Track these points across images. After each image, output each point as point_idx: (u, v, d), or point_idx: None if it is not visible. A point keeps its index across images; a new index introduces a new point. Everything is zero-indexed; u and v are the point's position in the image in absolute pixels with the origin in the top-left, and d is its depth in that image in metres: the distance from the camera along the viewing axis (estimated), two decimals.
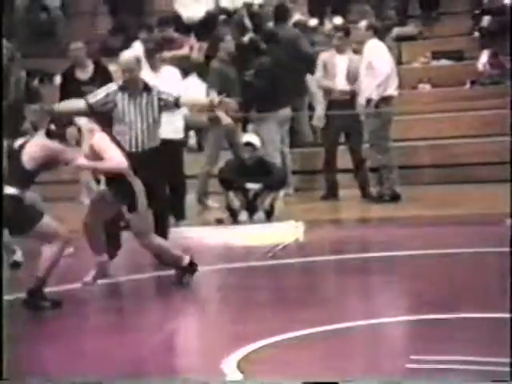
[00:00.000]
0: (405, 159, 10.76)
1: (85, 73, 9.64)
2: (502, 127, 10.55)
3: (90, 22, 12.99)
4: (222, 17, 11.96)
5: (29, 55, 12.08)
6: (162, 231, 7.68)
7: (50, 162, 6.55)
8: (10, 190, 6.40)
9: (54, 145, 6.48)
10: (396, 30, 12.48)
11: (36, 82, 11.47)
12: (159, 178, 7.62)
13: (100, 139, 6.73)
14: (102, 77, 9.54)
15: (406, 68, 12.24)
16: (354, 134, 10.50)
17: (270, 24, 11.58)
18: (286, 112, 10.82)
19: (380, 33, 10.51)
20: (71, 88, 9.50)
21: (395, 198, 10.18)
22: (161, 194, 7.68)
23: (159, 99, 7.44)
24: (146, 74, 9.90)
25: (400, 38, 12.53)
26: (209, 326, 6.14)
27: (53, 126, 6.53)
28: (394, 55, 10.82)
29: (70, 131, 6.60)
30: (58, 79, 12.23)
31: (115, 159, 6.70)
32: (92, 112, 7.36)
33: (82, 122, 6.80)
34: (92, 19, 13.03)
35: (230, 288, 7.20)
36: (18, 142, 6.67)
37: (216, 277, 7.67)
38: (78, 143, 6.66)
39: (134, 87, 7.45)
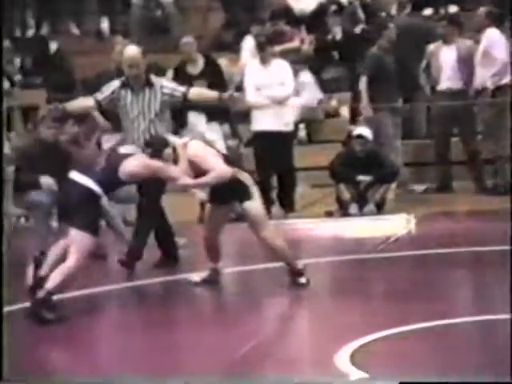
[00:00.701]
0: None
1: (195, 67, 9.68)
2: None
3: (203, 17, 13.03)
4: (333, 8, 11.86)
5: (144, 51, 12.17)
6: (164, 237, 7.55)
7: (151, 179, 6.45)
8: (95, 187, 6.24)
9: (157, 164, 6.35)
10: None
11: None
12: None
13: (195, 150, 6.50)
14: (212, 71, 9.60)
15: None
16: (466, 124, 10.26)
17: (383, 15, 11.41)
18: (399, 104, 10.65)
19: (498, 20, 10.23)
20: (183, 83, 9.58)
21: (510, 189, 9.90)
22: (157, 196, 7.48)
23: (163, 94, 7.28)
24: (256, 68, 9.98)
25: None
26: (321, 319, 6.07)
27: (149, 150, 6.41)
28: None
29: (166, 152, 6.42)
30: (170, 74, 12.36)
31: (218, 169, 6.43)
32: (100, 109, 7.32)
33: (174, 139, 6.65)
34: (205, 15, 13.07)
35: (340, 280, 7.13)
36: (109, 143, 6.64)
37: (326, 269, 7.59)
38: (175, 162, 6.46)
39: (138, 83, 7.28)
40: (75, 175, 6.33)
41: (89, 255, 6.26)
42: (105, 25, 13.12)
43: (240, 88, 10.22)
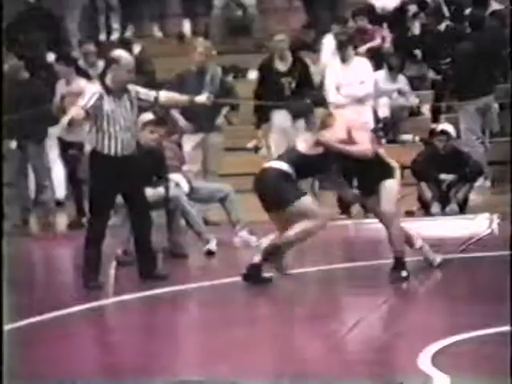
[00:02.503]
0: None
1: (284, 64, 9.68)
2: None
3: (283, 17, 12.95)
4: (413, 6, 11.69)
5: (224, 52, 12.21)
6: (142, 242, 7.32)
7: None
8: (283, 166, 6.72)
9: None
10: None
11: (230, 78, 11.53)
12: (139, 186, 7.29)
13: (353, 118, 6.84)
14: (300, 69, 9.59)
15: None
16: None
17: (468, 11, 11.17)
18: (488, 100, 10.40)
19: None
20: (270, 79, 9.61)
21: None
22: (140, 201, 7.31)
23: (139, 99, 7.20)
24: (337, 67, 9.89)
25: None
26: (405, 318, 5.94)
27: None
28: None
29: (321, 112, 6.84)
30: (252, 74, 12.33)
31: (365, 144, 6.67)
32: (87, 114, 7.05)
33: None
34: (285, 15, 13.00)
35: (423, 280, 6.96)
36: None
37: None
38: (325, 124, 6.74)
39: (122, 89, 7.14)
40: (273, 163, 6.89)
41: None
42: (187, 27, 13.15)
43: (320, 87, 10.16)
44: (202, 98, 7.52)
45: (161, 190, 8.10)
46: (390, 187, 6.81)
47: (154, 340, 5.58)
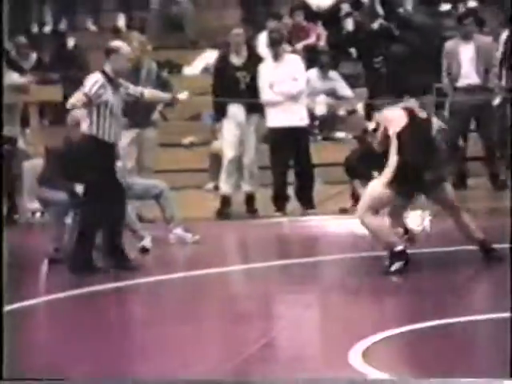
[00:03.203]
0: None
1: (239, 59, 9.72)
2: None
3: (219, 14, 12.97)
4: (346, 5, 11.81)
5: (159, 47, 12.19)
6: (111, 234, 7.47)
7: None
8: None
9: None
10: None
11: (166, 73, 11.51)
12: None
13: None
14: (254, 63, 9.62)
15: None
16: (485, 120, 10.15)
17: (402, 10, 11.31)
18: (425, 100, 10.54)
19: None
20: (226, 73, 9.69)
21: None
22: (119, 190, 7.56)
23: (127, 94, 7.50)
24: (269, 65, 9.93)
25: None
26: (335, 316, 6.00)
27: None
28: None
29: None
30: (187, 70, 12.36)
31: None
32: (90, 103, 7.28)
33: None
34: (221, 11, 13.01)
35: (354, 277, 7.05)
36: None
37: (342, 266, 7.51)
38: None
39: (118, 79, 7.43)
40: None
41: None
42: (121, 21, 13.10)
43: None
44: (183, 96, 7.85)
45: None
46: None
47: (87, 336, 5.56)
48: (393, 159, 7.11)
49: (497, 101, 10.01)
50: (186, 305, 6.39)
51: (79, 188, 7.89)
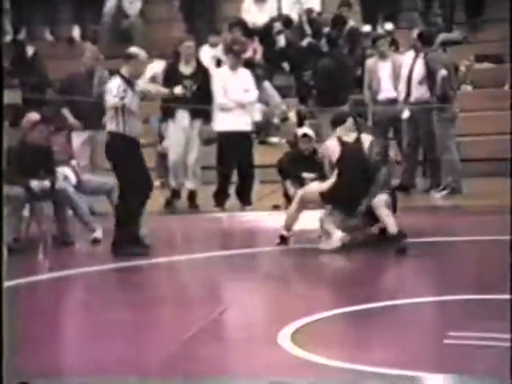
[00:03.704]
0: None
1: (188, 68, 9.72)
2: None
3: (165, 27, 12.92)
4: (278, 24, 11.88)
5: (110, 57, 12.11)
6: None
7: None
8: None
9: None
10: (442, 36, 12.20)
11: None
12: None
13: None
14: (202, 73, 9.67)
15: None
16: (399, 129, 10.36)
17: (327, 30, 11.41)
18: (345, 108, 10.67)
19: (427, 40, 10.27)
20: (175, 81, 9.53)
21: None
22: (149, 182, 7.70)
23: (140, 92, 7.66)
24: (225, 73, 9.94)
25: (446, 43, 12.23)
26: (269, 301, 6.03)
27: None
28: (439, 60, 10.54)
29: None
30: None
31: None
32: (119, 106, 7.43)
33: None
34: (168, 25, 12.96)
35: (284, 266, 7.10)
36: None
37: (274, 256, 7.57)
38: None
39: (135, 81, 7.66)
40: None
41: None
42: (76, 32, 12.99)
43: None
44: (178, 90, 8.08)
45: (47, 182, 8.01)
46: None
47: (37, 322, 5.51)
48: (332, 179, 7.57)
49: (406, 113, 10.15)
50: (135, 291, 6.38)
51: (34, 184, 7.87)
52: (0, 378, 3.86)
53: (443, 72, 9.96)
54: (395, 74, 10.23)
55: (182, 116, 9.68)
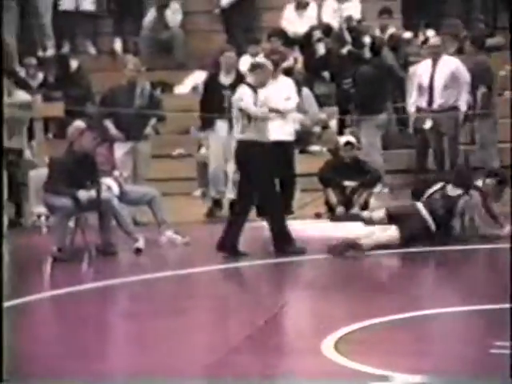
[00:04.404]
0: None
1: (228, 78, 9.73)
2: None
3: (205, 38, 12.95)
4: (318, 32, 11.84)
5: (152, 68, 12.17)
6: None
7: None
8: None
9: None
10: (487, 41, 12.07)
11: (158, 92, 11.51)
12: None
13: None
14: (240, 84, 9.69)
15: None
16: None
17: (367, 38, 11.35)
18: (384, 117, 10.59)
19: (479, 44, 10.16)
20: (215, 91, 9.71)
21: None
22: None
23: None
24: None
25: (489, 48, 12.08)
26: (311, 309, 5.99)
27: None
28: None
29: None
30: (177, 89, 12.34)
31: None
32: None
33: None
34: (207, 36, 12.99)
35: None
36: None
37: (320, 265, 7.52)
38: None
39: (259, 89, 7.93)
40: None
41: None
42: (118, 45, 13.07)
43: None
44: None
45: (93, 192, 8.06)
46: None
47: (87, 329, 5.53)
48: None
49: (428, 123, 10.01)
50: (176, 300, 6.39)
51: (81, 194, 7.89)
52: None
53: (483, 89, 9.87)
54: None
55: (221, 126, 9.69)
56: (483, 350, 4.62)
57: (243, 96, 7.68)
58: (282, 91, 9.75)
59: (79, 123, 8.36)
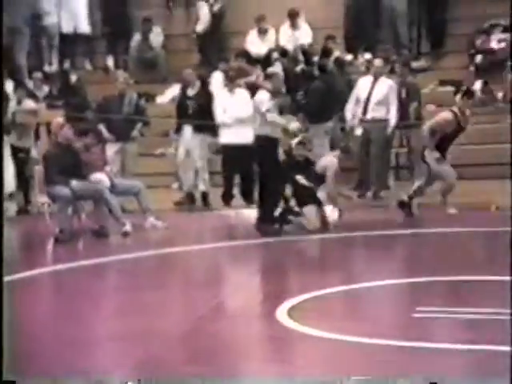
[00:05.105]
0: None
1: (192, 90, 9.88)
2: (495, 137, 10.18)
3: (183, 56, 12.84)
4: (276, 53, 11.85)
5: (138, 82, 12.06)
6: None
7: None
8: None
9: None
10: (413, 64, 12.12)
11: (143, 101, 11.40)
12: None
13: None
14: (203, 93, 9.90)
15: None
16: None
17: (316, 58, 11.33)
18: (331, 124, 10.59)
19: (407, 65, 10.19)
20: (183, 101, 9.84)
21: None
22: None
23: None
24: (224, 95, 9.92)
25: (414, 70, 12.16)
26: (265, 282, 5.96)
27: None
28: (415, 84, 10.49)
29: None
30: (159, 99, 12.23)
31: None
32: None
33: None
34: (185, 55, 12.89)
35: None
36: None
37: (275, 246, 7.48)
38: None
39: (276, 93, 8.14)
40: None
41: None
42: (110, 62, 12.94)
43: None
44: (293, 125, 8.11)
45: (86, 183, 7.95)
46: None
47: (83, 299, 5.45)
48: None
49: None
50: (157, 275, 6.32)
51: (73, 183, 7.82)
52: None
53: (415, 104, 9.96)
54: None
55: (187, 130, 9.59)
56: (407, 315, 4.62)
57: (263, 101, 7.73)
58: (239, 101, 9.78)
59: (59, 119, 8.39)
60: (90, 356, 4.17)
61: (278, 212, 7.73)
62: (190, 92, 9.81)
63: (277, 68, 8.27)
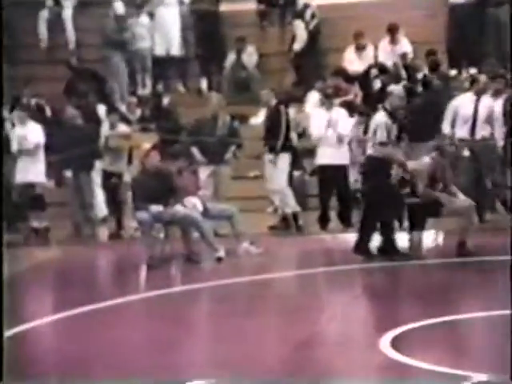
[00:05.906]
0: None
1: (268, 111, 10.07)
2: None
3: (278, 77, 12.89)
4: (374, 70, 11.70)
5: (232, 103, 12.16)
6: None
7: None
8: None
9: None
10: None
11: (236, 123, 11.48)
12: None
13: None
14: (275, 116, 9.94)
15: None
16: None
17: (420, 74, 11.12)
18: (434, 143, 10.32)
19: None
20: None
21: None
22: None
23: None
24: (321, 113, 9.89)
25: None
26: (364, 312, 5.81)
27: None
28: None
29: None
30: (252, 120, 12.31)
31: None
32: None
33: None
34: (280, 75, 12.93)
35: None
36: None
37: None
38: None
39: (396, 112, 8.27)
40: None
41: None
42: (203, 84, 13.12)
43: (305, 131, 10.25)
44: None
45: (162, 207, 8.01)
46: None
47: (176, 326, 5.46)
48: None
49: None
50: (254, 301, 6.29)
51: (153, 208, 7.90)
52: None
53: None
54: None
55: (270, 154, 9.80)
56: None
57: (382, 122, 7.85)
58: (337, 119, 9.73)
59: (146, 145, 8.53)
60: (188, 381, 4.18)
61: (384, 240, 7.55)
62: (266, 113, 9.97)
63: (397, 87, 8.05)
